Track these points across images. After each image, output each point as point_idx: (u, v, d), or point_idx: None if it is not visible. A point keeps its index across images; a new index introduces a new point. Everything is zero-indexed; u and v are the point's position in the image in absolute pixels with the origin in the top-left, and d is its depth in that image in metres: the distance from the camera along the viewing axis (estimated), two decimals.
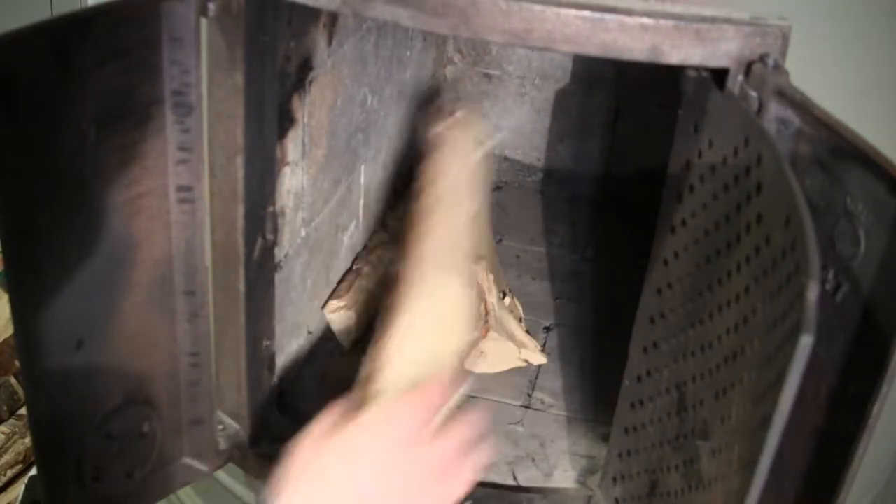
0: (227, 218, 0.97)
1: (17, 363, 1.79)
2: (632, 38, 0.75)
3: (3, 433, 1.79)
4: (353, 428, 0.75)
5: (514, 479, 1.15)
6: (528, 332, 1.38)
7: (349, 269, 1.43)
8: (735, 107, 0.76)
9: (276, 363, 1.17)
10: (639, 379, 0.97)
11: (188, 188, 0.91)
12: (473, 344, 1.32)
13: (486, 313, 1.34)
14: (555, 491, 1.13)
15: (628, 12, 0.75)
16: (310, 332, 1.33)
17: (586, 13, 0.75)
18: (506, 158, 1.91)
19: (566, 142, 1.90)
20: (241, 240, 0.98)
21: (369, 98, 1.39)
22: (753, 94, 0.75)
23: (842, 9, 0.83)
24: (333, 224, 1.35)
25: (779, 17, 0.77)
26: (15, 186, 0.74)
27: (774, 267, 0.63)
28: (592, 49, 0.76)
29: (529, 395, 1.31)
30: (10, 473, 1.77)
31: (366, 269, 1.43)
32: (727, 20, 0.76)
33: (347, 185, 1.38)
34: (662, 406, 0.91)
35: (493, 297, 1.38)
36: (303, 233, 1.22)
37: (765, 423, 0.56)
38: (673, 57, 0.76)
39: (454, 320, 0.91)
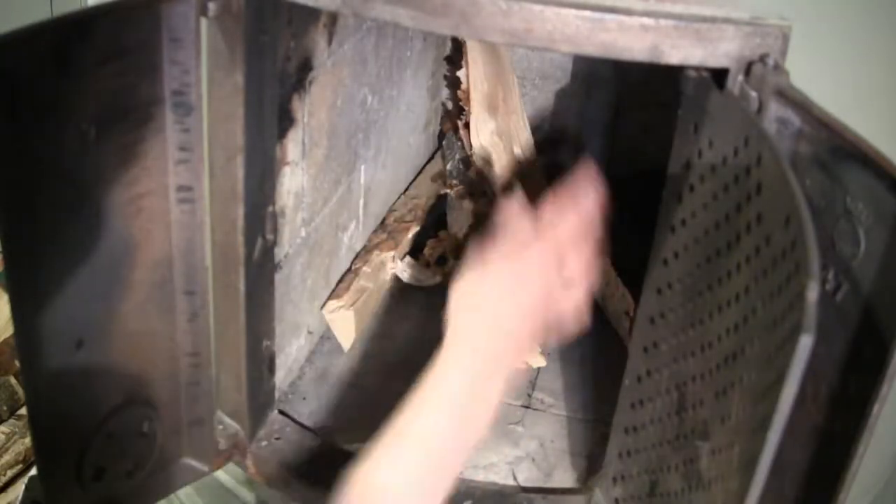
0: (227, 218, 0.97)
1: (17, 363, 1.79)
2: (632, 38, 0.75)
3: (3, 433, 1.79)
4: (498, 260, 0.84)
5: (514, 479, 1.15)
6: None
7: (348, 269, 1.43)
8: (735, 107, 0.76)
9: (276, 363, 1.18)
10: (639, 379, 0.97)
11: (188, 188, 0.91)
12: None
13: None
14: (555, 491, 1.13)
15: (628, 12, 0.75)
16: (310, 332, 1.33)
17: (586, 13, 0.75)
18: None
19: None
20: (241, 240, 0.98)
21: (369, 98, 1.39)
22: (753, 94, 0.75)
23: (842, 9, 0.83)
24: (333, 224, 1.35)
25: (779, 17, 0.77)
26: (15, 186, 0.74)
27: (774, 267, 0.63)
28: (592, 49, 0.76)
29: (529, 395, 1.31)
30: (10, 473, 1.77)
31: (365, 269, 1.43)
32: (727, 20, 0.76)
33: (347, 185, 1.38)
34: (662, 406, 0.91)
35: None
36: (303, 233, 1.22)
37: (765, 423, 0.56)
38: (673, 57, 0.76)
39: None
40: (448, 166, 1.73)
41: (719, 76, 0.78)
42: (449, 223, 1.61)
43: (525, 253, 0.85)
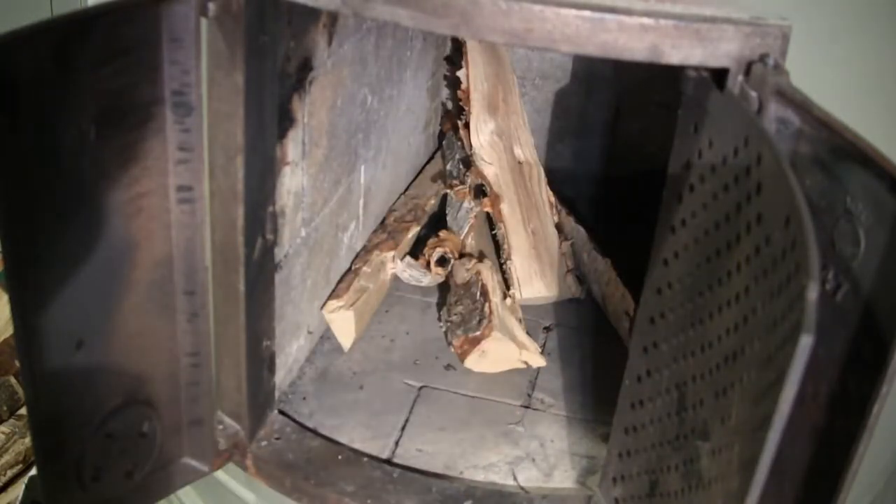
0: (227, 218, 0.97)
1: (17, 363, 1.79)
2: (632, 38, 0.75)
3: (3, 433, 1.79)
4: None
5: (515, 479, 1.15)
6: (528, 333, 1.38)
7: (348, 270, 1.43)
8: (735, 107, 0.76)
9: (276, 363, 1.18)
10: (639, 379, 0.97)
11: (188, 188, 0.91)
12: (476, 342, 1.32)
13: (490, 313, 1.34)
14: (555, 491, 1.13)
15: (628, 12, 0.75)
16: (310, 332, 1.33)
17: (586, 13, 0.75)
18: None
19: (566, 142, 1.90)
20: (241, 240, 0.98)
21: (369, 98, 1.39)
22: (753, 94, 0.75)
23: (841, 9, 0.83)
24: (333, 224, 1.35)
25: (779, 17, 0.77)
26: (15, 186, 0.74)
27: (774, 267, 0.63)
28: (592, 49, 0.76)
29: (529, 395, 1.31)
30: (10, 473, 1.77)
31: (365, 269, 1.43)
32: (727, 20, 0.76)
33: (347, 185, 1.38)
34: (662, 406, 0.91)
35: (496, 297, 1.38)
36: (303, 233, 1.22)
37: (765, 423, 0.56)
38: (673, 57, 0.76)
39: None
40: (448, 166, 1.73)
41: (719, 76, 0.78)
42: (449, 223, 1.61)
43: None
